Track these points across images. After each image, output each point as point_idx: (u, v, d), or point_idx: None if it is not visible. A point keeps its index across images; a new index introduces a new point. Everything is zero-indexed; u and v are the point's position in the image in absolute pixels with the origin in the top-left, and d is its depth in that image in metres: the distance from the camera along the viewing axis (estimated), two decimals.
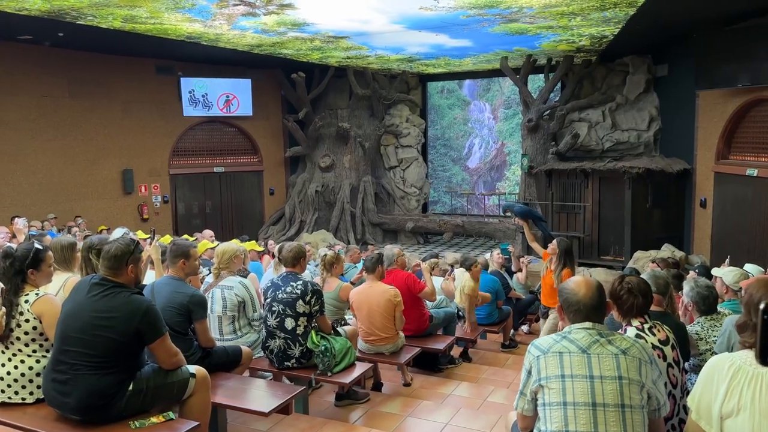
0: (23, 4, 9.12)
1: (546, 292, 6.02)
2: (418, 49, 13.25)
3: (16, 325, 3.06)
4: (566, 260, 5.71)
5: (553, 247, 5.82)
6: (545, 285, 6.01)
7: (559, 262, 5.70)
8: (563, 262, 5.69)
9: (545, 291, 6.03)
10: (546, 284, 5.99)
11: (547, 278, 5.94)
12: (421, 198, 17.21)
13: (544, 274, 6.00)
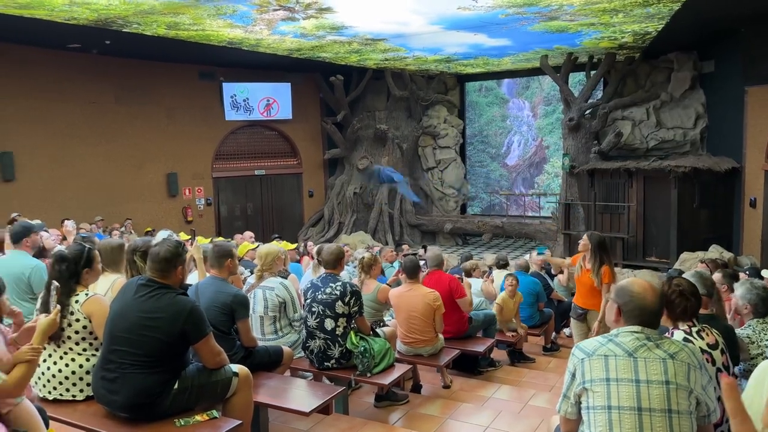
0: (72, 13, 9.45)
1: (583, 293, 5.52)
2: (456, 49, 13.19)
3: (67, 324, 3.16)
4: (601, 255, 5.27)
5: (584, 243, 5.37)
6: (582, 285, 5.52)
7: (595, 259, 5.27)
8: (599, 258, 5.26)
9: (582, 291, 5.53)
10: (583, 284, 5.49)
11: (583, 278, 5.45)
12: (460, 199, 17.10)
13: (579, 274, 5.57)
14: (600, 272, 5.22)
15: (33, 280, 4.46)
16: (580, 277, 5.52)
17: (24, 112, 12.17)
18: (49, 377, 3.18)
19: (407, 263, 5.26)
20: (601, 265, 5.24)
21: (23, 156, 12.14)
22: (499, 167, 17.47)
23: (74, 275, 3.24)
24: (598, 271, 5.23)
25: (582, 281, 5.50)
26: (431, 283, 5.35)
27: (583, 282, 5.46)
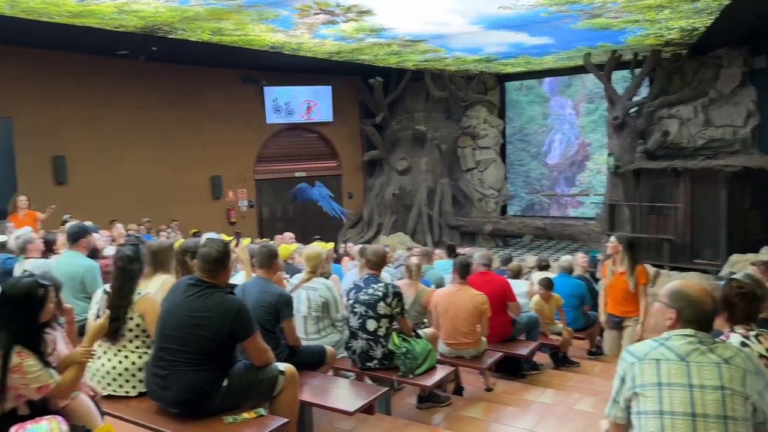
0: (121, 21, 9.77)
1: (618, 299, 5.19)
2: (497, 48, 13.09)
3: (126, 322, 3.27)
4: (633, 256, 5.02)
5: (613, 245, 5.12)
6: (615, 291, 5.20)
7: (627, 260, 5.00)
8: (632, 258, 5.00)
9: (617, 297, 5.23)
10: (617, 290, 5.16)
11: (616, 283, 5.13)
12: (500, 200, 16.94)
13: (611, 281, 5.20)
14: (635, 273, 4.95)
15: (86, 279, 4.63)
16: (612, 282, 5.20)
17: (76, 118, 12.62)
18: (104, 373, 3.29)
19: (459, 263, 5.24)
20: (634, 266, 4.98)
21: (75, 160, 12.59)
22: (539, 166, 17.21)
23: (138, 274, 3.36)
24: (633, 273, 4.95)
25: (615, 286, 5.18)
26: (482, 284, 5.33)
27: (617, 287, 5.16)
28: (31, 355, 2.57)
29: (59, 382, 2.61)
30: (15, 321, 2.58)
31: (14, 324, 2.57)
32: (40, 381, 2.57)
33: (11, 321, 2.57)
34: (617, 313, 5.23)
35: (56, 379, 2.60)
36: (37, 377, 2.56)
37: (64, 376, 2.64)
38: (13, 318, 2.58)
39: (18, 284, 2.63)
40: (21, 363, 2.53)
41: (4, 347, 2.52)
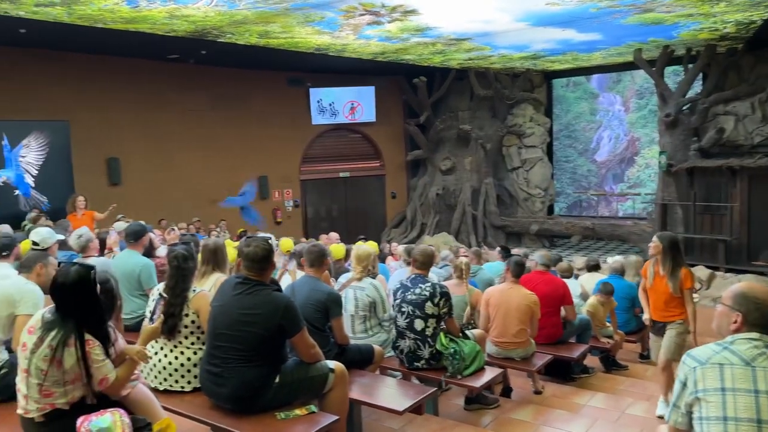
0: (172, 26, 10.04)
1: (660, 303, 4.78)
2: (544, 45, 12.88)
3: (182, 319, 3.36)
4: (676, 257, 4.64)
5: (655, 245, 4.72)
6: (657, 295, 4.79)
7: (669, 261, 4.63)
8: (675, 260, 4.63)
9: (658, 303, 4.79)
10: (658, 294, 4.76)
11: (658, 286, 4.75)
12: (547, 199, 16.65)
13: (652, 284, 4.80)
14: (678, 276, 4.58)
15: (143, 276, 4.78)
16: (653, 286, 4.79)
17: (129, 121, 13.05)
18: (160, 369, 3.38)
19: (515, 263, 5.20)
20: (676, 268, 4.61)
21: (128, 161, 13.02)
22: (586, 162, 16.86)
23: (192, 273, 3.45)
24: (676, 275, 4.58)
25: (657, 290, 4.78)
26: (539, 284, 5.27)
27: (659, 291, 4.76)
28: (98, 344, 2.64)
29: (116, 379, 2.69)
30: (77, 308, 2.62)
31: (78, 310, 2.62)
32: (101, 372, 2.64)
33: (73, 308, 2.62)
34: (659, 319, 4.84)
35: (113, 378, 2.67)
36: (99, 368, 2.62)
37: (118, 372, 2.71)
38: (74, 305, 2.63)
39: (69, 272, 2.68)
40: (89, 351, 2.60)
41: (75, 334, 2.57)
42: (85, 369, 2.58)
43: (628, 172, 16.24)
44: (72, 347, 2.55)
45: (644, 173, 15.76)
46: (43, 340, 2.54)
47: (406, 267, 6.43)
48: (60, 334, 2.55)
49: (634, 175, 16.12)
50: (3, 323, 3.14)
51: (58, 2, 8.36)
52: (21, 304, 3.12)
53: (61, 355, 2.53)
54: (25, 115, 11.57)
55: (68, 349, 2.54)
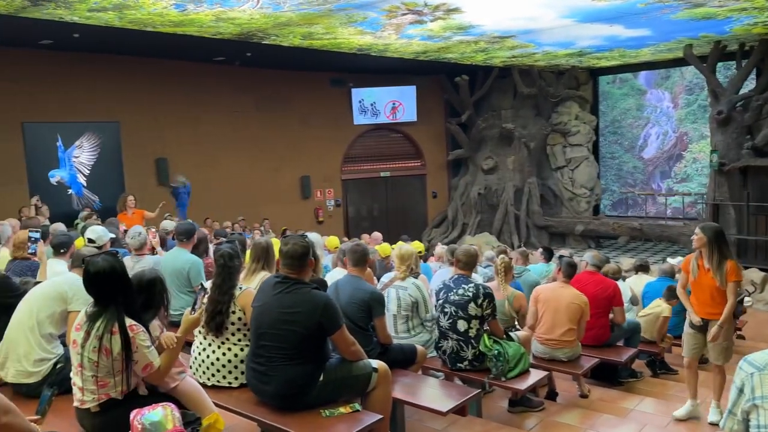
0: (218, 29, 10.25)
1: (704, 299, 4.50)
2: (590, 42, 12.63)
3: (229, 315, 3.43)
4: (722, 249, 4.35)
5: (698, 237, 4.42)
6: (701, 290, 4.51)
7: (715, 253, 4.33)
8: (720, 252, 4.34)
9: (702, 298, 4.52)
10: (703, 288, 4.49)
11: (703, 281, 4.47)
12: (592, 199, 16.31)
13: (696, 277, 4.52)
14: (724, 269, 4.31)
15: (191, 274, 4.90)
16: (697, 280, 4.53)
17: (177, 122, 13.39)
18: (209, 365, 3.45)
19: (567, 263, 5.13)
20: (723, 260, 4.33)
21: (176, 161, 13.35)
22: (632, 159, 16.44)
23: (238, 270, 3.51)
24: (722, 268, 4.30)
25: (701, 284, 4.50)
26: (589, 284, 5.18)
27: (703, 285, 4.49)
28: (143, 330, 2.69)
29: (159, 368, 2.73)
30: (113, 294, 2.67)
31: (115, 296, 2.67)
32: (146, 359, 2.68)
33: (110, 295, 2.68)
34: (702, 315, 4.57)
35: (157, 366, 2.72)
36: (144, 354, 2.67)
37: (163, 360, 2.76)
38: (110, 292, 2.68)
39: (98, 261, 2.73)
40: (134, 337, 2.65)
41: (117, 320, 2.63)
42: (127, 354, 2.62)
43: (676, 168, 15.77)
44: (117, 334, 2.61)
45: (691, 167, 15.30)
46: (90, 333, 2.62)
47: (447, 267, 6.41)
48: (103, 323, 2.62)
49: (681, 170, 15.65)
50: (56, 319, 3.24)
51: (110, 7, 8.63)
52: (73, 301, 3.20)
53: (109, 344, 2.60)
54: (78, 116, 12.01)
55: (113, 336, 2.60)
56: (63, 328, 3.30)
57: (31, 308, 3.20)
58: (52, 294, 3.19)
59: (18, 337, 3.14)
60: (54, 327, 3.24)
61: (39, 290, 3.30)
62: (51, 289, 3.21)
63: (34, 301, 3.23)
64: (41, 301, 3.20)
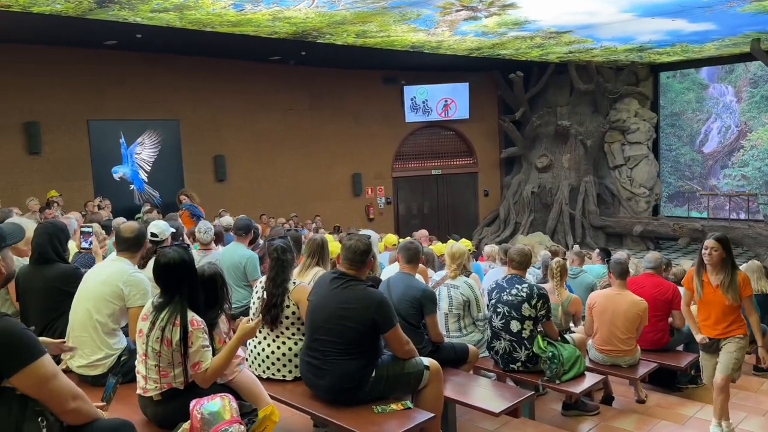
0: (275, 28, 10.43)
1: (719, 316, 4.01)
2: (651, 37, 12.22)
3: (283, 310, 3.49)
4: (732, 260, 3.96)
5: (715, 248, 3.93)
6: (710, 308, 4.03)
7: (728, 266, 3.91)
8: (732, 264, 3.94)
9: (716, 316, 4.01)
10: (714, 305, 3.99)
11: (710, 297, 3.99)
12: (652, 199, 15.78)
13: (702, 295, 4.02)
14: (737, 283, 3.84)
15: (248, 268, 5.03)
16: (704, 299, 4.02)
17: (235, 120, 13.72)
18: (264, 358, 3.53)
19: (615, 262, 4.96)
20: (733, 273, 3.88)
21: (233, 158, 13.69)
22: (690, 151, 15.82)
23: (291, 265, 3.57)
24: (734, 282, 3.83)
25: (710, 303, 4.00)
26: (647, 286, 5.02)
27: (714, 303, 3.98)
28: (202, 328, 2.73)
29: (210, 368, 2.72)
30: (180, 286, 2.73)
31: (181, 289, 2.73)
32: (197, 356, 2.69)
33: (176, 287, 2.73)
34: (715, 335, 4.05)
35: (207, 368, 2.71)
36: (196, 351, 2.69)
37: (213, 362, 2.74)
38: (176, 284, 2.74)
39: (169, 253, 2.80)
40: (192, 332, 2.68)
41: (180, 312, 2.69)
42: (184, 348, 2.67)
43: (734, 158, 15.12)
44: (178, 326, 2.67)
45: (749, 154, 14.64)
46: (155, 323, 2.70)
47: (498, 266, 6.33)
48: (167, 314, 2.69)
49: (738, 159, 14.99)
50: (117, 315, 3.32)
51: (171, 8, 8.91)
52: (131, 298, 3.28)
53: (170, 334, 2.66)
54: (139, 114, 12.46)
55: (175, 328, 2.66)
56: (124, 321, 3.40)
57: (90, 309, 3.26)
58: (108, 293, 3.25)
59: (81, 335, 3.23)
60: (115, 323, 3.32)
61: (94, 289, 3.32)
62: (107, 289, 3.26)
63: (93, 302, 3.28)
64: (100, 302, 3.27)
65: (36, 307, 3.51)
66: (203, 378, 2.72)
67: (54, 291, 3.45)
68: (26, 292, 3.53)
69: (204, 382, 2.73)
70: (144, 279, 3.37)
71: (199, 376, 2.71)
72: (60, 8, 8.53)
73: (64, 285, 3.43)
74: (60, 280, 3.46)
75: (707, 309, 4.06)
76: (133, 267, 3.43)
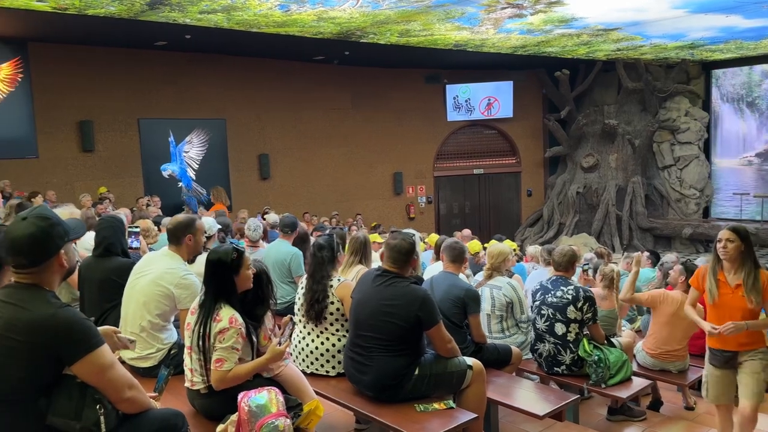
0: (319, 28, 10.53)
1: None
2: (703, 33, 11.83)
3: (327, 306, 3.53)
4: (754, 256, 3.41)
5: (731, 240, 3.38)
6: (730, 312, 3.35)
7: (749, 263, 3.35)
8: (752, 259, 3.38)
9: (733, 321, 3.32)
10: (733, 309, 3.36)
11: (729, 300, 3.37)
12: (702, 201, 15.28)
13: (717, 297, 3.41)
14: (760, 283, 3.29)
15: (293, 265, 5.11)
16: (719, 301, 3.41)
17: (279, 119, 13.92)
18: (308, 353, 3.58)
19: (687, 269, 4.84)
20: (756, 272, 3.33)
21: (277, 157, 13.89)
22: None
23: (331, 261, 3.61)
24: (757, 282, 3.29)
25: (726, 307, 3.38)
26: None
27: (730, 308, 3.36)
28: (238, 329, 2.69)
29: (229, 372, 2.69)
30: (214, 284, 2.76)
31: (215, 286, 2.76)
32: (222, 354, 2.67)
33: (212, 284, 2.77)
34: (728, 347, 3.40)
35: (228, 369, 2.68)
36: (224, 348, 2.67)
37: (234, 370, 2.69)
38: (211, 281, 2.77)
39: (214, 251, 2.84)
40: (228, 329, 2.67)
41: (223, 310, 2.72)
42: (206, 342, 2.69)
43: None
44: (218, 322, 2.70)
45: None
46: (199, 318, 2.76)
47: (541, 267, 6.25)
48: (211, 310, 2.73)
49: None
50: (167, 313, 3.40)
51: (219, 9, 9.10)
52: (181, 300, 3.33)
53: (210, 330, 2.71)
54: (188, 113, 12.77)
55: (215, 323, 2.70)
56: (174, 314, 3.48)
57: (141, 307, 3.32)
58: (158, 293, 3.30)
59: (133, 330, 3.32)
60: (165, 320, 3.40)
61: (146, 288, 3.35)
62: (158, 289, 3.31)
63: (143, 300, 3.32)
64: (150, 301, 3.32)
65: (92, 298, 3.65)
66: (221, 377, 2.66)
67: (110, 283, 3.58)
68: (85, 282, 3.67)
69: (220, 383, 2.67)
70: (195, 281, 3.35)
71: (218, 374, 2.66)
72: (114, 10, 8.82)
73: (120, 277, 3.54)
74: (116, 272, 3.58)
75: (722, 314, 3.38)
76: (183, 266, 3.42)
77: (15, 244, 1.93)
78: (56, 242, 1.96)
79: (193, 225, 3.46)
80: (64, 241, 2.00)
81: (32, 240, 1.92)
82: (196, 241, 3.47)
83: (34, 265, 1.93)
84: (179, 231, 3.44)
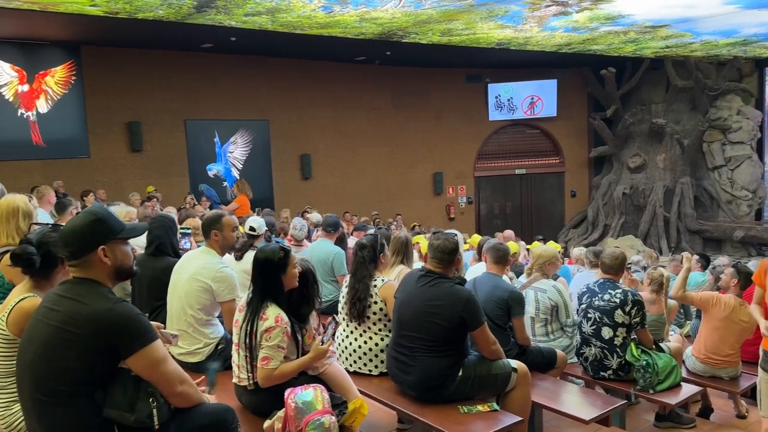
0: (361, 29, 10.58)
1: None
2: (757, 30, 11.42)
3: (370, 305, 3.55)
4: None
5: None
6: None
7: None
8: None
9: None
10: None
11: None
12: (755, 203, 14.73)
13: None
14: None
15: (335, 264, 5.16)
16: None
17: (320, 119, 14.05)
18: (351, 351, 3.60)
19: (746, 275, 4.68)
20: None
21: (318, 157, 14.02)
22: None
23: (372, 261, 3.62)
24: None
25: None
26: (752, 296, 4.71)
27: None
28: (284, 328, 2.72)
29: (275, 370, 2.71)
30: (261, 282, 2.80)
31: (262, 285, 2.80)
32: (269, 352, 2.71)
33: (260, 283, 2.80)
34: None
35: (274, 367, 2.71)
36: (271, 347, 2.70)
37: (279, 368, 2.72)
38: (258, 280, 2.81)
39: (262, 249, 2.89)
40: (274, 327, 2.71)
41: (270, 308, 2.76)
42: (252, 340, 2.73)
43: None
44: (262, 320, 2.74)
45: None
46: (247, 316, 2.81)
47: (587, 269, 6.12)
48: (258, 308, 2.78)
49: None
50: (209, 308, 3.47)
51: (264, 11, 9.24)
52: (220, 293, 3.39)
53: (257, 327, 2.75)
54: (233, 114, 13.02)
55: (261, 321, 2.75)
56: (217, 312, 3.54)
57: (183, 303, 3.40)
58: (197, 288, 3.38)
59: (179, 327, 3.41)
60: (207, 315, 3.47)
61: (185, 284, 3.42)
62: (196, 285, 3.38)
63: (185, 296, 3.40)
64: (191, 297, 3.40)
65: (142, 295, 3.76)
66: (268, 375, 2.70)
67: (158, 282, 3.67)
68: (135, 280, 3.78)
69: (266, 380, 2.72)
70: (232, 274, 3.43)
71: (264, 371, 2.70)
72: (162, 14, 9.06)
73: (167, 277, 3.62)
74: (165, 272, 3.67)
75: None
76: (219, 260, 3.47)
77: (61, 235, 2.05)
78: (96, 237, 2.00)
79: (219, 221, 3.52)
80: (108, 238, 2.03)
81: (73, 232, 2.00)
82: (223, 236, 3.52)
83: (74, 258, 2.00)
84: (205, 227, 3.55)
